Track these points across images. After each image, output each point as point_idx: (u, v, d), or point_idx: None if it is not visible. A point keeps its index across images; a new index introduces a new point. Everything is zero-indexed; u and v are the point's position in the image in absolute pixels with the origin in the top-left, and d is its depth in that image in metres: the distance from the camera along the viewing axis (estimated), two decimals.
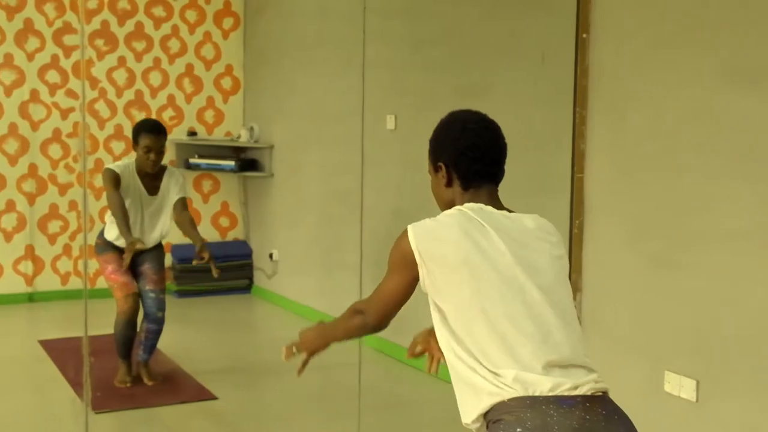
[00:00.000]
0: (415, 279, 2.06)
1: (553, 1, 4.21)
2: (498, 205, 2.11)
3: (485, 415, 1.90)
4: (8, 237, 6.61)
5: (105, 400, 4.46)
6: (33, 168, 6.65)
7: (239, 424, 4.28)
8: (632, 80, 3.74)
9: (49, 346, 5.49)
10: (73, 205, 6.78)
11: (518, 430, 1.79)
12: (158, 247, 4.86)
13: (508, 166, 2.95)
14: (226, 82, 7.28)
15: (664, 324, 3.63)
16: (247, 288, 7.24)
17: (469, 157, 2.11)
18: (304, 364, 2.45)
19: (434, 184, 2.22)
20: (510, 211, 2.11)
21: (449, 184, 2.15)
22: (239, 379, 4.94)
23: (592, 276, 3.95)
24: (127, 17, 6.94)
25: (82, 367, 4.94)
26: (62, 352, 5.33)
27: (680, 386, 3.55)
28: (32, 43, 6.58)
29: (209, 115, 7.22)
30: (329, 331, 2.38)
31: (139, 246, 4.37)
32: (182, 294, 6.93)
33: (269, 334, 6.20)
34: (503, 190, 3.98)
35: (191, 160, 6.90)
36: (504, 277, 1.94)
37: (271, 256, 6.93)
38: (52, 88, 6.66)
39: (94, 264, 6.79)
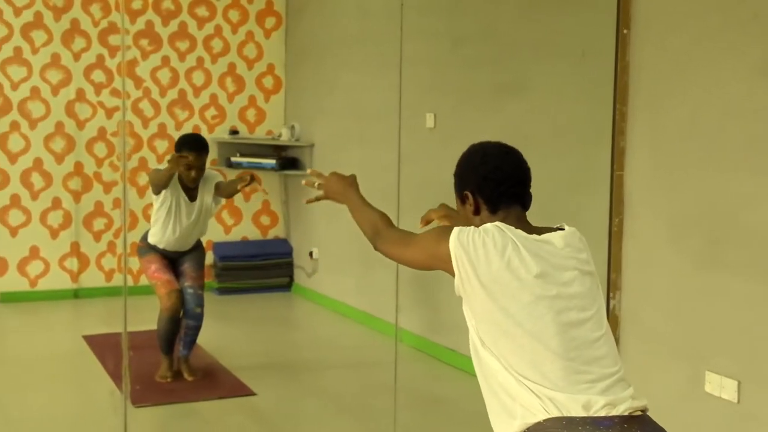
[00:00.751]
0: (427, 265, 2.13)
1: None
2: (528, 228, 2.10)
3: None
4: (54, 234, 6.73)
5: (145, 394, 4.52)
6: (78, 166, 6.76)
7: (277, 420, 4.31)
8: (673, 76, 3.68)
9: (92, 341, 5.58)
10: (117, 202, 6.87)
11: None
12: (198, 247, 4.97)
13: (548, 163, 2.92)
14: (268, 81, 7.33)
15: (705, 323, 3.57)
16: (288, 286, 7.28)
17: (493, 180, 2.13)
18: (317, 199, 2.64)
19: (463, 216, 2.23)
20: (540, 233, 2.09)
21: (477, 211, 2.16)
22: (278, 376, 4.97)
23: (631, 275, 3.90)
24: (171, 17, 7.02)
25: (122, 361, 5.05)
26: (105, 347, 5.41)
27: (721, 387, 3.49)
28: (78, 43, 6.69)
29: (251, 114, 7.28)
30: (352, 200, 2.50)
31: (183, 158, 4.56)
32: (223, 291, 6.99)
33: (308, 332, 6.23)
34: (542, 187, 3.95)
35: (233, 159, 6.96)
36: (534, 296, 1.95)
37: (311, 254, 6.96)
38: (98, 88, 6.77)
39: (131, 261, 6.93)
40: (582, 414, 1.82)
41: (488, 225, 2.05)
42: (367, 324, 6.13)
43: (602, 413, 1.83)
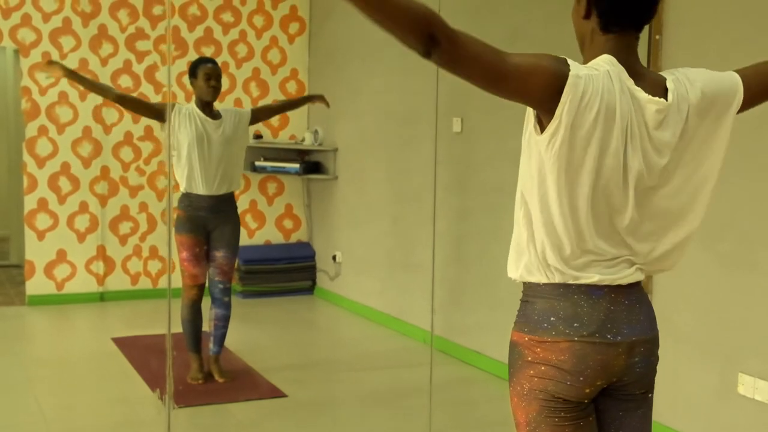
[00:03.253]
0: (502, 71, 1.73)
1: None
2: (636, 67, 1.86)
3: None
4: (81, 237, 6.80)
5: (179, 395, 4.56)
6: (105, 170, 6.83)
7: (311, 422, 4.34)
8: None
9: (122, 343, 5.64)
10: (143, 206, 6.95)
11: (552, 318, 1.88)
12: (233, 219, 4.88)
13: None
14: (291, 86, 7.39)
15: (737, 325, 3.61)
16: (310, 289, 7.34)
17: (627, 3, 1.85)
18: None
19: (574, 8, 1.95)
20: (647, 74, 1.88)
21: (587, 15, 1.90)
22: (307, 378, 5.02)
23: (662, 277, 3.93)
24: (197, 23, 7.09)
25: (155, 363, 5.10)
26: (135, 349, 5.47)
27: (755, 388, 3.52)
28: (106, 48, 6.77)
29: (275, 118, 7.33)
30: None
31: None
32: (247, 295, 7.05)
33: (333, 335, 6.28)
34: None
35: (257, 163, 7.02)
36: (609, 175, 1.82)
37: (334, 257, 7.01)
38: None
39: (155, 265, 7.00)
40: (579, 282, 1.88)
41: (600, 68, 1.79)
42: (391, 326, 6.18)
43: (595, 283, 1.88)
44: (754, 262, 3.53)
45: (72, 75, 4.61)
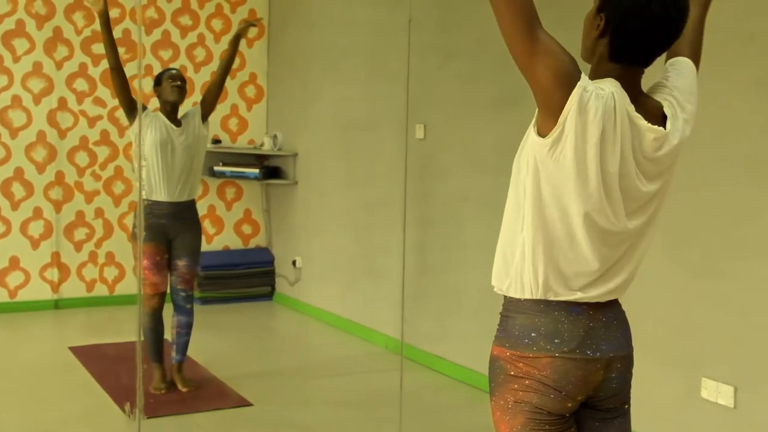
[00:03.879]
0: (528, 40, 1.75)
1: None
2: (637, 95, 1.86)
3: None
4: (35, 244, 6.67)
5: (144, 406, 4.49)
6: (60, 175, 6.71)
7: (279, 431, 4.32)
8: None
9: (80, 352, 5.54)
10: (99, 212, 6.84)
11: (533, 334, 1.91)
12: (195, 227, 4.86)
13: None
14: (250, 91, 7.35)
15: (701, 331, 3.69)
16: (269, 295, 7.30)
17: (639, 39, 1.83)
18: None
19: (590, 19, 1.91)
20: (646, 101, 1.88)
21: (601, 36, 1.87)
22: (272, 385, 4.99)
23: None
24: (154, 26, 7.01)
25: (118, 373, 5.04)
26: (94, 359, 5.39)
27: (717, 393, 3.60)
28: (61, 51, 6.65)
29: (233, 123, 7.29)
30: None
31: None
32: (206, 301, 6.98)
33: (296, 341, 6.25)
34: None
35: (216, 168, 6.96)
36: (608, 196, 1.83)
37: (294, 263, 6.99)
38: (80, 96, 6.73)
39: (112, 271, 6.90)
40: (559, 299, 1.90)
41: (606, 88, 1.79)
42: (353, 332, 6.18)
43: (575, 299, 1.91)
44: (717, 271, 3.61)
45: (104, 18, 4.44)
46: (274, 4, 7.32)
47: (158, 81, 4.77)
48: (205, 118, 4.85)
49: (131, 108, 4.58)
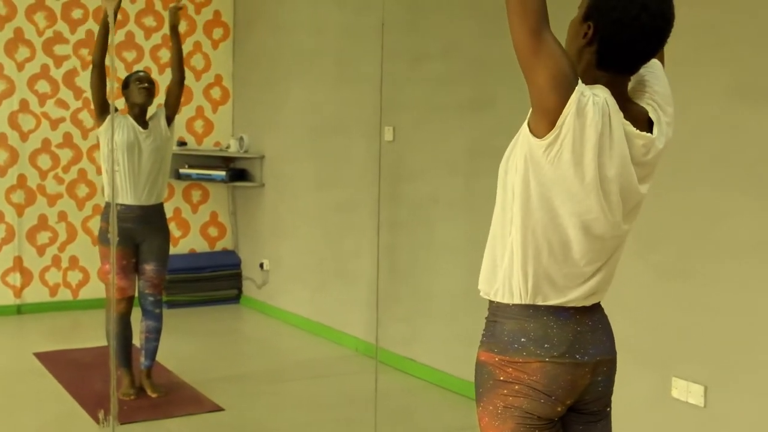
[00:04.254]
0: (532, 48, 1.74)
1: (561, 17, 4.29)
2: (624, 101, 1.87)
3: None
4: None
5: (104, 412, 4.44)
6: (22, 179, 6.61)
7: None
8: None
9: (45, 358, 5.46)
10: (62, 215, 6.75)
11: (522, 339, 1.91)
12: (163, 230, 4.83)
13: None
14: (216, 92, 7.30)
15: (671, 332, 3.74)
16: (236, 298, 7.25)
17: (628, 48, 1.84)
18: None
19: (576, 27, 1.91)
20: (632, 107, 1.90)
21: (589, 44, 1.87)
22: (243, 390, 4.96)
23: None
24: (118, 27, 6.92)
25: (84, 380, 4.98)
26: (60, 365, 5.32)
27: (688, 392, 3.65)
28: (22, 52, 6.55)
29: (199, 125, 7.24)
30: None
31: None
32: (172, 305, 6.91)
33: (264, 344, 6.21)
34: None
35: (181, 171, 6.91)
36: (598, 201, 1.85)
37: (261, 266, 6.95)
38: (42, 98, 6.63)
39: (75, 275, 6.81)
40: (547, 304, 1.92)
41: (600, 95, 1.79)
42: (322, 335, 6.17)
43: (561, 304, 1.93)
44: (687, 272, 3.66)
45: (113, 16, 4.38)
46: (239, 6, 7.28)
47: (126, 84, 4.75)
48: (170, 119, 4.81)
49: (104, 109, 4.55)
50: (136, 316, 4.78)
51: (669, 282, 3.74)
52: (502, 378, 1.94)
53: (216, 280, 7.17)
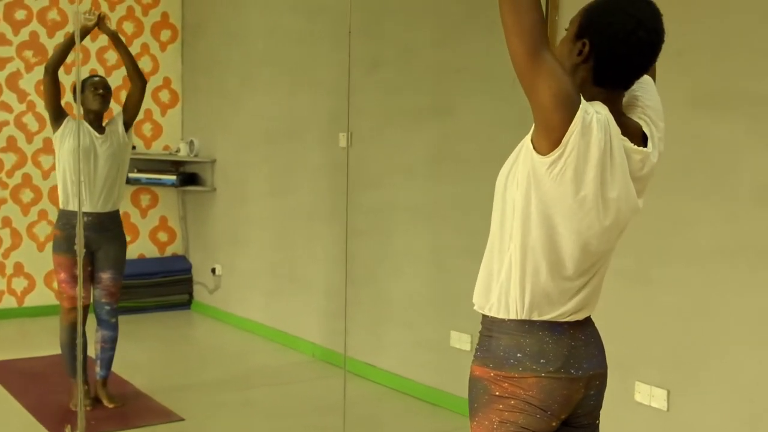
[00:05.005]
0: (529, 62, 1.73)
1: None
2: (619, 117, 1.88)
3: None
4: None
5: (64, 425, 4.34)
6: None
7: None
8: None
9: None
10: (6, 221, 6.59)
11: (518, 355, 1.92)
12: (119, 238, 4.75)
13: (478, 185, 2.68)
14: (164, 95, 7.19)
15: (634, 337, 3.81)
16: (187, 303, 7.16)
17: (624, 63, 1.86)
18: None
19: (565, 44, 1.92)
20: (627, 122, 1.91)
21: (585, 61, 1.88)
22: (201, 398, 4.89)
23: None
24: (57, 28, 6.78)
25: (36, 390, 4.87)
26: (9, 375, 5.20)
27: (651, 396, 3.73)
28: None
29: (147, 128, 7.12)
30: None
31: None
32: (121, 311, 6.74)
33: (219, 350, 6.14)
34: (474, 210, 4.04)
35: (130, 175, 6.76)
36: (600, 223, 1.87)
37: (213, 271, 6.88)
38: None
39: (20, 282, 6.64)
40: (542, 319, 1.93)
41: (603, 114, 1.80)
42: (276, 340, 6.13)
43: (556, 319, 1.94)
44: (649, 278, 3.74)
45: (86, 32, 4.60)
46: (187, 8, 7.19)
47: (82, 89, 4.62)
48: (128, 125, 4.73)
49: (59, 114, 4.49)
50: (91, 325, 4.68)
51: (632, 288, 3.81)
52: (497, 393, 1.94)
53: (166, 285, 7.07)
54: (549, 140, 1.77)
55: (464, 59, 4.61)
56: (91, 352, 4.75)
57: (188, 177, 6.97)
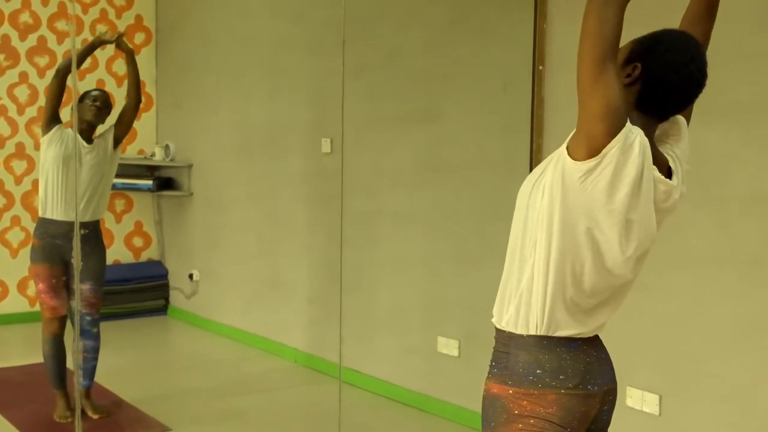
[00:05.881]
0: (597, 72, 1.76)
1: (509, 34, 4.35)
2: (651, 146, 1.91)
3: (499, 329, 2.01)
4: None
5: None
6: None
7: None
8: None
9: None
10: None
11: (538, 371, 1.93)
12: (98, 248, 4.68)
13: (464, 190, 2.58)
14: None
15: (626, 342, 3.85)
16: (163, 309, 7.09)
17: (672, 91, 1.93)
18: None
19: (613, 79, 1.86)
20: (657, 153, 1.93)
21: (631, 84, 1.93)
22: (187, 407, 4.84)
23: None
24: (29, 31, 6.67)
25: (14, 401, 4.79)
26: None
27: (643, 401, 3.77)
28: None
29: None
30: None
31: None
32: None
33: (200, 357, 6.08)
34: (459, 213, 4.03)
35: None
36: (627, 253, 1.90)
37: (191, 276, 6.81)
38: None
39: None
40: (558, 335, 1.94)
41: (644, 139, 1.83)
42: (257, 346, 6.09)
43: (572, 335, 1.96)
44: (641, 284, 3.74)
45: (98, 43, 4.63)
46: (161, 11, 7.11)
47: (81, 98, 4.61)
48: (117, 141, 4.68)
49: (54, 119, 4.47)
50: (68, 334, 4.62)
51: None
52: (516, 412, 1.94)
53: (142, 291, 7.01)
54: (588, 148, 1.80)
55: (452, 65, 4.62)
56: (69, 362, 4.68)
57: (164, 182, 6.90)
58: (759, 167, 3.40)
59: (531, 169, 4.12)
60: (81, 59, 4.55)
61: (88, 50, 4.63)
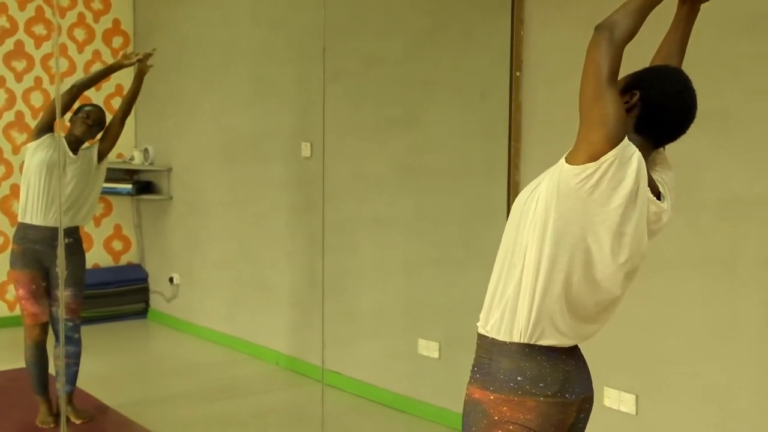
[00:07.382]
0: (599, 94, 1.86)
1: (487, 41, 4.41)
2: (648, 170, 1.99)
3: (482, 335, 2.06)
4: None
5: None
6: None
7: None
8: (564, 115, 3.98)
9: None
10: None
11: (518, 378, 1.98)
12: (78, 255, 4.70)
13: (444, 195, 2.61)
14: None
15: (603, 343, 3.90)
16: (143, 312, 7.10)
17: (668, 116, 2.03)
18: None
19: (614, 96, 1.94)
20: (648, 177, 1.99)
21: (629, 110, 2.01)
22: (171, 412, 4.86)
23: None
24: (7, 36, 6.65)
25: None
26: None
27: (620, 401, 3.85)
28: None
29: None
30: None
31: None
32: None
33: (181, 361, 6.09)
34: (439, 217, 4.11)
35: None
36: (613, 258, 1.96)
37: (171, 279, 6.83)
38: None
39: None
40: (540, 343, 2.00)
41: (641, 156, 1.91)
42: (239, 349, 6.12)
43: (553, 343, 2.01)
44: None
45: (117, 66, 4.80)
46: (138, 15, 7.11)
47: (76, 111, 4.64)
48: (102, 155, 4.70)
49: (47, 129, 4.48)
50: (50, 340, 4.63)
51: None
52: (496, 418, 1.99)
53: (121, 294, 7.00)
54: (587, 153, 1.86)
55: (431, 72, 4.67)
56: (51, 368, 4.69)
57: (144, 185, 6.90)
58: (730, 173, 3.49)
59: (509, 174, 4.21)
60: (97, 80, 4.68)
61: (106, 72, 4.74)
